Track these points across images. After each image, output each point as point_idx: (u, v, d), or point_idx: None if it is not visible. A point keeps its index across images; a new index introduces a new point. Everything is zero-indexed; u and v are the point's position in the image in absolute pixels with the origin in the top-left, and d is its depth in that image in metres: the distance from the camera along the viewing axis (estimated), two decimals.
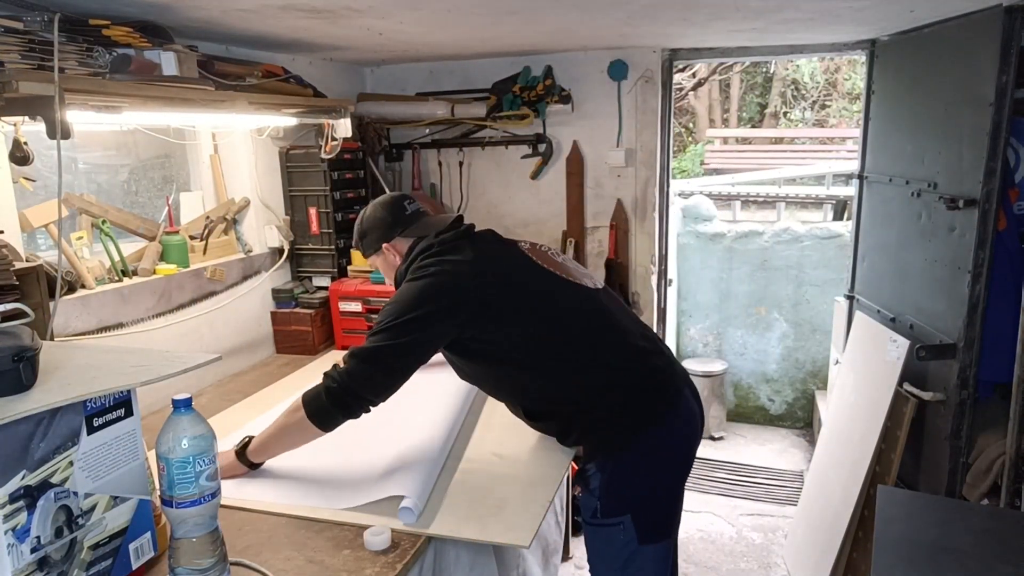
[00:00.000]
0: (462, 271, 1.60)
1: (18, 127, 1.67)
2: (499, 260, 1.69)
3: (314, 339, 2.71)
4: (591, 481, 1.61)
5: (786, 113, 13.39)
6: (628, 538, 1.57)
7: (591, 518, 1.62)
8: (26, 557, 1.06)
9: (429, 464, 1.66)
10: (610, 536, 1.59)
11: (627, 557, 1.59)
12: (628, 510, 1.57)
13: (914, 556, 1.56)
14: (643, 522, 1.58)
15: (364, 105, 3.25)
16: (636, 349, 1.64)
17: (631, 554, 1.59)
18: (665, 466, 1.63)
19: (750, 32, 2.66)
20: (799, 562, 2.77)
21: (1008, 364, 2.06)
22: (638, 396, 1.60)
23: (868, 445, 2.44)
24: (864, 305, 2.92)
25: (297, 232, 2.84)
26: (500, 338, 1.58)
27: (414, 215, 1.80)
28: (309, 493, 1.60)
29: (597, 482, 1.59)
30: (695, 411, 1.68)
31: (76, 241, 2.05)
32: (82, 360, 1.25)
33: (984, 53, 2.04)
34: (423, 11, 2.00)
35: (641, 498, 1.59)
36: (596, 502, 1.59)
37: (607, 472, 1.58)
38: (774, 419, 4.28)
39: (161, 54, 1.80)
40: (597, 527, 1.62)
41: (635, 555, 1.59)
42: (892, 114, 2.76)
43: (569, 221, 3.26)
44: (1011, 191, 2.15)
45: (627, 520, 1.57)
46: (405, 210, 1.80)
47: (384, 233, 1.78)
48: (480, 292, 1.58)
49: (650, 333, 1.76)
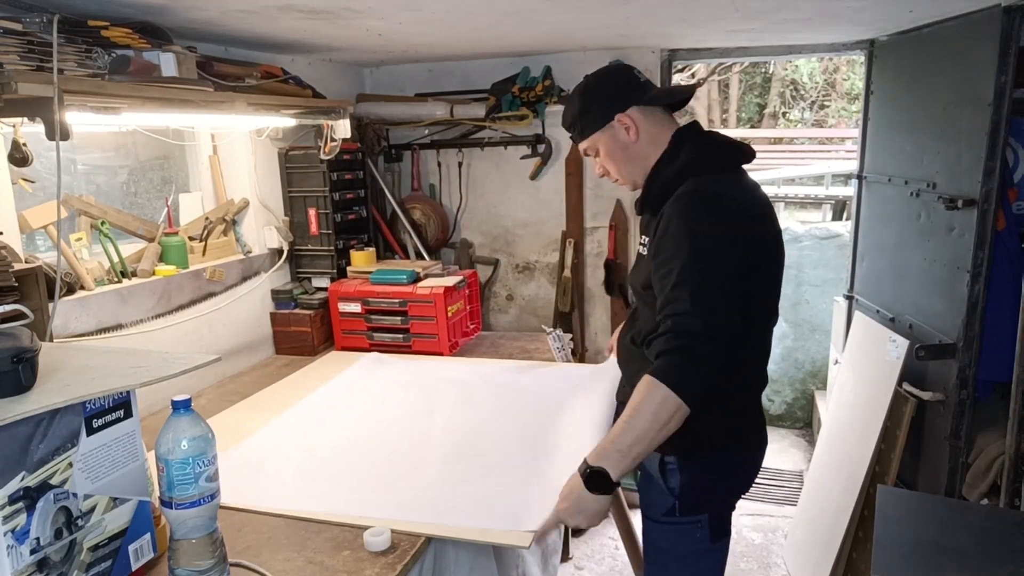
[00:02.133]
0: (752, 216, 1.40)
1: (17, 128, 1.67)
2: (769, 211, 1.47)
3: (314, 340, 2.71)
4: (670, 478, 1.50)
5: (785, 113, 13.41)
6: (703, 536, 1.52)
7: (663, 516, 1.54)
8: (25, 558, 1.06)
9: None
10: (685, 534, 1.54)
11: (701, 554, 1.55)
12: (707, 509, 1.52)
13: (914, 556, 1.56)
14: (717, 520, 1.54)
15: (363, 106, 3.25)
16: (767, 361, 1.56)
17: (704, 551, 1.55)
18: (743, 478, 1.60)
19: (749, 32, 2.66)
20: (799, 562, 2.76)
21: (1007, 364, 2.06)
22: (751, 410, 1.56)
23: (868, 445, 2.44)
24: (863, 305, 2.92)
25: (296, 233, 2.84)
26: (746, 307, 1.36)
27: (648, 83, 1.50)
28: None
29: (678, 481, 1.49)
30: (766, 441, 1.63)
31: (75, 242, 2.05)
32: (81, 361, 1.25)
33: (983, 53, 2.04)
34: (422, 12, 2.00)
35: (719, 499, 1.56)
36: (673, 500, 1.51)
37: (691, 472, 1.49)
38: (774, 419, 4.27)
39: (160, 55, 1.80)
40: (671, 525, 1.54)
41: (708, 552, 1.56)
42: (891, 114, 2.77)
43: (568, 222, 3.26)
44: (1010, 191, 2.15)
45: (704, 519, 1.52)
46: (638, 77, 1.49)
47: (618, 101, 1.45)
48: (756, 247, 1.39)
49: None
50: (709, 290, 1.30)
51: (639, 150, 1.49)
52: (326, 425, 2.02)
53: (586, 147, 1.55)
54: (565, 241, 3.27)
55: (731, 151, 1.47)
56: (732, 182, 1.43)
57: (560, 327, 3.00)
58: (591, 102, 1.50)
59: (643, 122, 1.47)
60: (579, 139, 1.55)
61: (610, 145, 1.50)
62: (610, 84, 1.50)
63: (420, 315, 2.64)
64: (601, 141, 1.50)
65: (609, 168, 1.54)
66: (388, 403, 2.18)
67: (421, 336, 2.66)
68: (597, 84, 1.51)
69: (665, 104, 1.51)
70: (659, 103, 1.49)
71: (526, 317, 3.48)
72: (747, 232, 1.36)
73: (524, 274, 3.45)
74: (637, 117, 1.47)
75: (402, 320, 2.67)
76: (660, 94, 1.51)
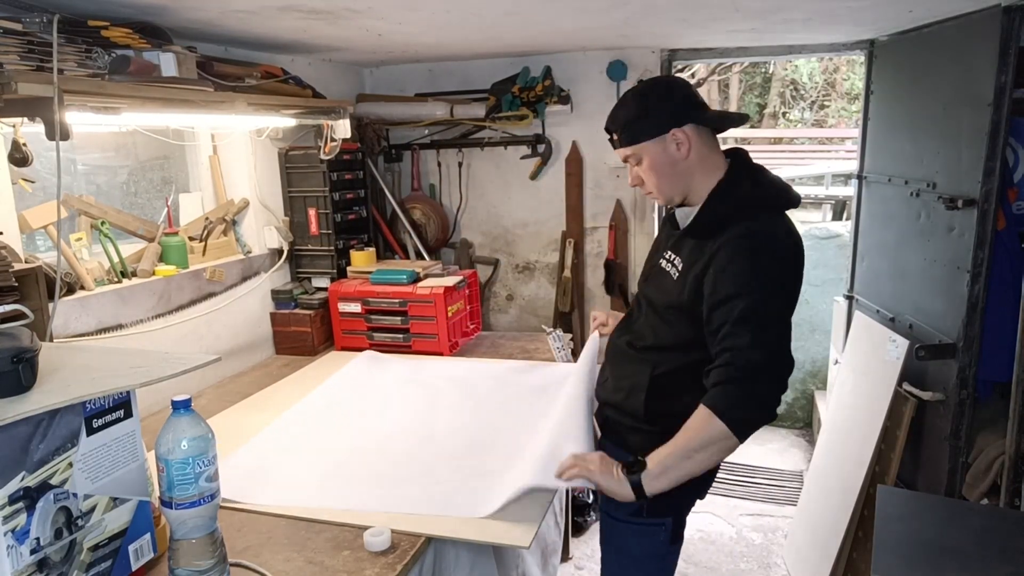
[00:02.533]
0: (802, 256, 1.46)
1: (17, 128, 1.67)
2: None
3: (314, 340, 2.71)
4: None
5: (785, 113, 13.41)
6: (664, 538, 1.58)
7: (629, 516, 1.57)
8: (25, 558, 1.06)
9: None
10: (649, 535, 1.59)
11: (659, 556, 1.61)
12: (671, 512, 1.58)
13: (914, 556, 1.56)
14: (677, 524, 1.60)
15: (363, 106, 3.25)
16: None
17: (663, 554, 1.61)
18: (707, 483, 1.64)
19: (749, 32, 2.66)
20: (799, 562, 2.76)
21: (1007, 363, 2.06)
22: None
23: (868, 445, 2.44)
24: (863, 305, 2.92)
25: (296, 233, 2.84)
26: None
27: (704, 104, 1.48)
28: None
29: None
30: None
31: (75, 242, 2.05)
32: (81, 361, 1.25)
33: (983, 53, 2.04)
34: (422, 12, 2.00)
35: (684, 504, 1.61)
36: (643, 502, 1.50)
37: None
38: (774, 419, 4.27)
39: (160, 55, 1.80)
40: (637, 526, 1.59)
41: (665, 555, 1.62)
42: (891, 114, 2.77)
43: (568, 222, 3.26)
44: (1010, 191, 2.15)
45: (668, 522, 1.57)
46: (696, 95, 1.48)
47: (679, 114, 1.42)
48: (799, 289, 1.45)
49: None
50: (770, 328, 1.34)
51: (686, 168, 1.45)
52: (326, 423, 2.02)
53: (629, 154, 1.48)
54: (565, 241, 3.27)
55: (784, 192, 1.48)
56: (785, 225, 1.46)
57: (560, 327, 3.00)
58: (649, 109, 1.44)
59: (696, 141, 1.44)
60: (625, 143, 1.47)
61: (659, 158, 1.45)
62: (671, 95, 1.45)
63: (420, 315, 2.64)
64: (649, 151, 1.45)
65: (649, 180, 1.49)
66: (387, 401, 2.18)
67: (421, 336, 2.66)
68: (657, 92, 1.46)
69: (714, 127, 1.50)
70: (713, 125, 1.48)
71: (526, 317, 3.48)
72: (796, 274, 1.43)
73: (524, 274, 3.45)
74: (692, 135, 1.43)
75: (402, 320, 2.67)
76: (715, 116, 1.50)
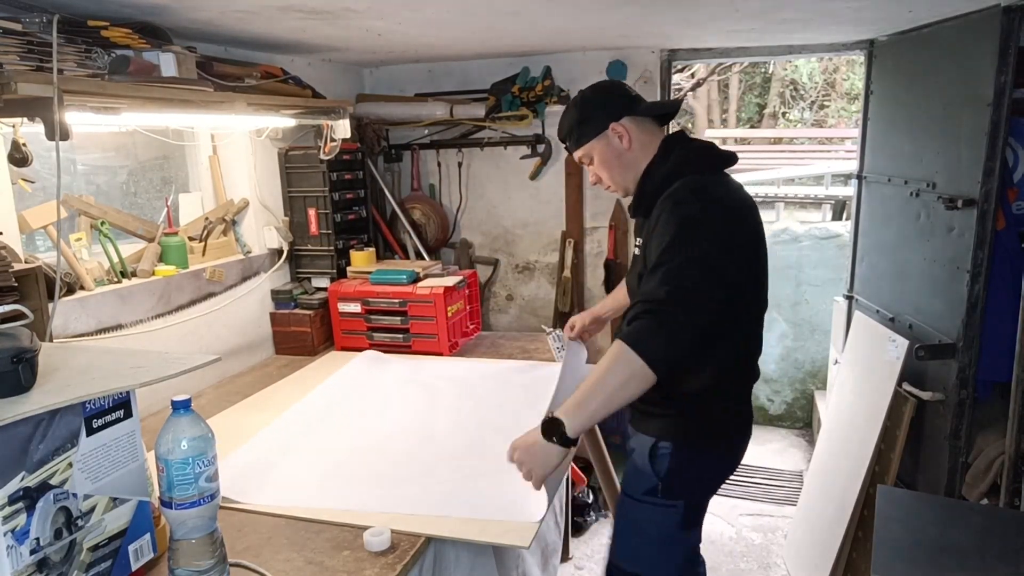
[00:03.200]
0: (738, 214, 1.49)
1: (17, 128, 1.67)
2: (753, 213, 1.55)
3: (313, 340, 2.71)
4: (659, 461, 1.58)
5: (785, 113, 13.41)
6: (676, 521, 1.61)
7: (643, 494, 1.61)
8: (25, 559, 1.06)
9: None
10: (661, 515, 1.61)
11: (669, 538, 1.63)
12: (684, 496, 1.60)
13: (914, 556, 1.56)
14: (691, 510, 1.63)
15: (363, 106, 3.25)
16: (757, 360, 1.65)
17: (672, 537, 1.63)
18: (724, 471, 1.68)
19: (749, 32, 2.66)
20: (799, 562, 2.76)
21: (1007, 363, 2.06)
22: (745, 404, 1.66)
23: (867, 445, 2.44)
24: (863, 305, 2.92)
25: (296, 233, 2.84)
26: (728, 298, 1.43)
27: (639, 97, 1.62)
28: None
29: (666, 464, 1.58)
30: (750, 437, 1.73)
31: (75, 242, 2.05)
32: (81, 362, 1.25)
33: (982, 53, 2.04)
34: (422, 12, 2.00)
35: (698, 489, 1.64)
36: (658, 481, 1.59)
37: (681, 458, 1.58)
38: (773, 419, 4.27)
39: (160, 55, 1.80)
40: (649, 504, 1.61)
41: (675, 538, 1.64)
42: (891, 114, 2.77)
43: (568, 222, 3.26)
44: (1010, 191, 2.15)
45: (681, 505, 1.60)
46: (630, 92, 1.62)
47: (614, 111, 1.57)
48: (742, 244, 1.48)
49: None
50: (682, 267, 1.38)
51: (632, 157, 1.59)
52: (326, 423, 2.02)
53: (581, 155, 1.64)
54: (565, 241, 3.27)
55: (717, 155, 1.58)
56: (717, 182, 1.53)
57: (560, 327, 3.00)
58: (588, 112, 1.60)
59: (635, 131, 1.58)
60: (575, 147, 1.64)
61: (605, 153, 1.60)
62: (605, 96, 1.61)
63: (420, 315, 2.64)
64: (596, 149, 1.60)
65: (603, 175, 1.64)
66: (387, 401, 2.19)
67: (421, 336, 2.66)
68: (593, 96, 1.62)
69: (656, 116, 1.63)
70: (650, 114, 1.61)
71: (526, 317, 3.48)
72: (730, 225, 1.46)
73: (524, 274, 3.45)
74: (630, 126, 1.57)
75: (402, 320, 2.67)
76: (650, 106, 1.63)
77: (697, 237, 1.40)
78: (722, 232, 1.42)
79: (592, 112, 1.59)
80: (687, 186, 1.47)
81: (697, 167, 1.52)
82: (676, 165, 1.52)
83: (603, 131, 1.57)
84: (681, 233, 1.40)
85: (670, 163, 1.53)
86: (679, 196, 1.46)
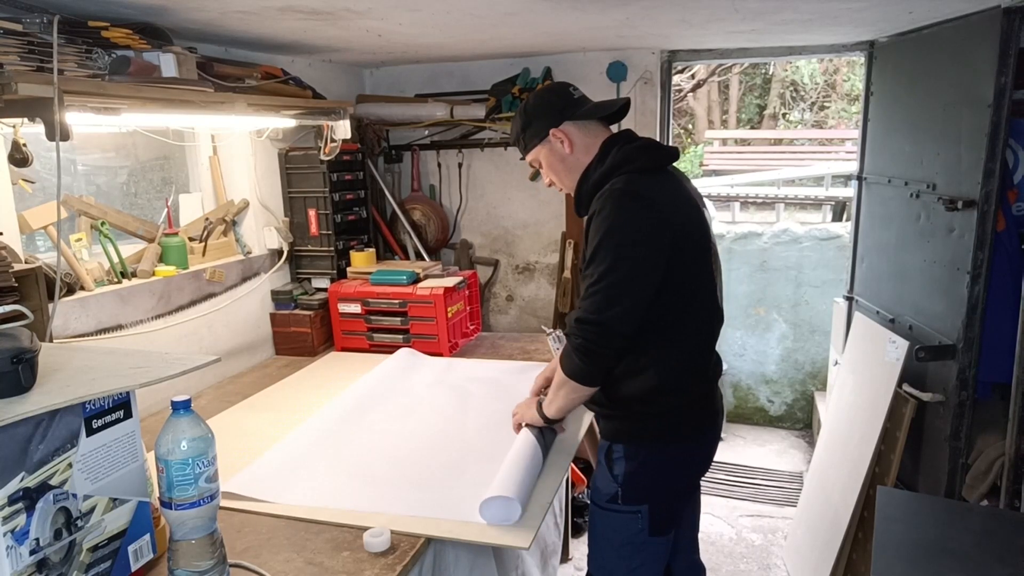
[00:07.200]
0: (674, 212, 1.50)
1: (17, 129, 1.67)
2: (694, 210, 1.57)
3: (313, 340, 2.71)
4: (615, 465, 1.60)
5: (785, 114, 13.41)
6: (642, 527, 1.60)
7: (607, 502, 1.62)
8: (25, 559, 1.06)
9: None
10: (625, 523, 1.61)
11: (637, 545, 1.62)
12: (647, 500, 1.59)
13: (914, 557, 1.56)
14: (657, 514, 1.61)
15: (363, 107, 3.25)
16: (713, 355, 1.65)
17: (641, 543, 1.62)
18: (687, 472, 1.67)
19: (749, 33, 2.66)
20: (799, 563, 2.76)
21: (1007, 365, 2.06)
22: (699, 403, 1.63)
23: (867, 446, 2.44)
24: (863, 306, 2.92)
25: (296, 234, 2.84)
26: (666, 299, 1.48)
27: (582, 100, 1.65)
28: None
29: (622, 468, 1.59)
30: (718, 437, 1.72)
31: (75, 243, 2.05)
32: (81, 362, 1.25)
33: (982, 54, 2.04)
34: (422, 12, 2.00)
35: (661, 492, 1.62)
36: (617, 488, 1.60)
37: (636, 460, 1.58)
38: (773, 420, 4.27)
39: (160, 56, 1.80)
40: (613, 512, 1.62)
41: (645, 545, 1.62)
42: (891, 115, 2.77)
43: (568, 222, 3.26)
44: (1010, 192, 2.15)
45: (645, 510, 1.59)
46: (572, 95, 1.65)
47: (553, 118, 1.61)
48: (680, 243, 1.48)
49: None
50: (602, 282, 1.44)
51: (575, 160, 1.62)
52: (353, 424, 2.00)
53: (530, 160, 1.71)
54: (565, 242, 3.27)
55: (655, 152, 1.59)
56: (653, 181, 1.53)
57: (560, 328, 3.00)
58: (530, 120, 1.65)
59: (576, 135, 1.62)
60: (524, 154, 1.71)
61: (549, 157, 1.65)
62: (545, 103, 1.64)
63: (420, 316, 2.64)
64: (541, 154, 1.66)
65: (552, 178, 1.70)
66: (409, 404, 2.16)
67: (421, 337, 2.66)
68: (535, 103, 1.66)
69: (601, 117, 1.65)
70: (590, 117, 1.63)
71: (526, 318, 3.48)
72: (659, 227, 1.46)
73: (524, 275, 3.45)
74: (571, 131, 1.62)
75: (402, 321, 2.67)
76: (590, 109, 1.64)
77: (619, 246, 1.44)
78: (649, 236, 1.45)
79: (533, 120, 1.64)
80: (617, 187, 1.49)
81: (636, 165, 1.53)
82: (612, 165, 1.54)
83: (545, 137, 1.63)
84: (604, 241, 1.44)
85: (607, 163, 1.56)
86: (606, 200, 1.48)
